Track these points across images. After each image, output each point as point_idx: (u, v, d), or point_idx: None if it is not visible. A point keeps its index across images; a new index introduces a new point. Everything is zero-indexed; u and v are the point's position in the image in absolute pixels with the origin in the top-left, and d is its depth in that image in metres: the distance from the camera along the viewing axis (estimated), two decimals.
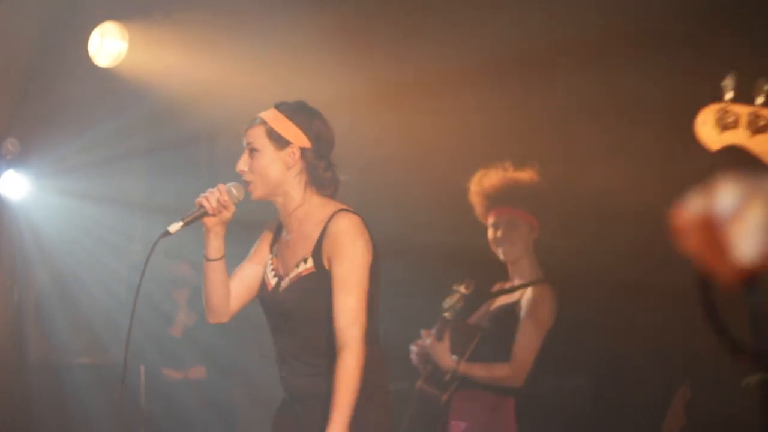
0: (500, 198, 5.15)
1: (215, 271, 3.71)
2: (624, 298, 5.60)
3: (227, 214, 3.64)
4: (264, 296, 3.74)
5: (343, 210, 3.60)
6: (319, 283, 3.55)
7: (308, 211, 3.64)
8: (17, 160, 5.60)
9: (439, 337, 4.97)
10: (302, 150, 3.64)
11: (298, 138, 3.64)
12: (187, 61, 6.35)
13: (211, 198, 3.62)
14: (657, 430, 4.99)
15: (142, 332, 6.91)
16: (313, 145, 3.65)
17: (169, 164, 7.02)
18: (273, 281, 3.71)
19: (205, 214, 3.63)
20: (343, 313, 3.48)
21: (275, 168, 3.62)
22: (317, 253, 3.57)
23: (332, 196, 3.71)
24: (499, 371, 4.94)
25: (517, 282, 5.15)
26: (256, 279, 3.79)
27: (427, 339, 5.01)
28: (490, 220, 5.20)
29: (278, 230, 3.82)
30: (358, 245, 3.54)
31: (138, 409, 6.85)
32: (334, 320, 3.49)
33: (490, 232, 5.20)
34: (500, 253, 5.18)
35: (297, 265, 3.61)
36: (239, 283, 3.79)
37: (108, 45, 6.45)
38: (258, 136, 3.63)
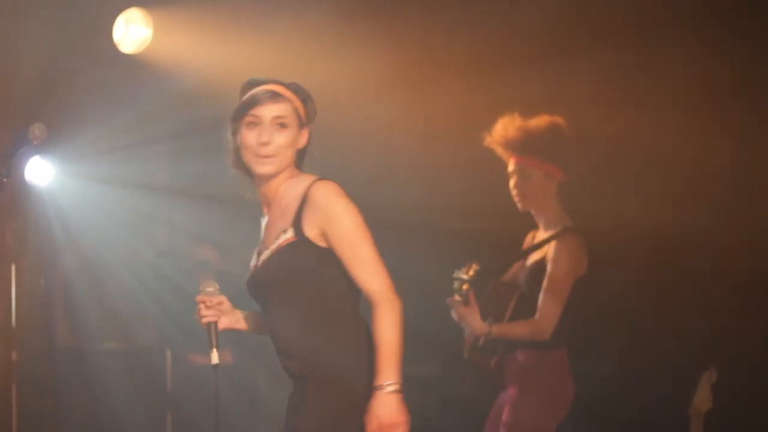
0: (514, 147, 5.17)
1: (261, 329, 3.79)
2: (654, 270, 5.62)
3: (225, 306, 3.71)
4: (247, 281, 3.68)
5: (319, 179, 3.53)
6: (300, 253, 3.48)
7: (287, 187, 3.59)
8: (44, 145, 5.63)
9: (466, 302, 4.98)
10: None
11: (309, 120, 3.63)
12: (211, 47, 6.36)
13: (205, 312, 3.68)
14: (683, 413, 4.98)
15: (167, 317, 6.96)
16: (310, 128, 3.65)
17: (193, 149, 7.04)
18: (254, 262, 3.66)
19: (215, 324, 3.68)
20: (361, 270, 3.44)
21: (295, 146, 3.59)
22: (297, 222, 3.49)
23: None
24: (519, 329, 4.98)
25: (543, 232, 5.18)
26: None
27: (452, 306, 5.03)
28: (509, 167, 5.22)
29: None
30: (347, 205, 3.47)
31: (164, 394, 6.89)
32: (357, 281, 3.44)
33: (510, 180, 5.23)
34: (516, 202, 5.21)
35: (277, 237, 3.54)
36: None
37: (132, 32, 6.47)
38: (287, 113, 3.57)
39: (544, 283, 5.00)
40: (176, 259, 7.09)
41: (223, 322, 3.71)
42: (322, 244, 3.48)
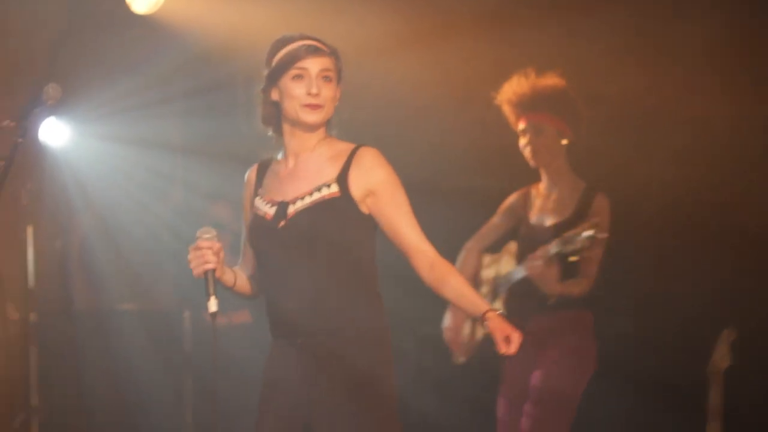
0: (526, 104, 5.22)
1: (240, 288, 3.79)
2: (670, 227, 5.61)
3: (222, 254, 3.58)
4: (261, 227, 3.63)
5: (363, 144, 3.60)
6: (343, 210, 3.52)
7: (324, 146, 3.61)
8: (58, 106, 5.62)
9: (549, 264, 5.02)
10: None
11: (340, 77, 3.64)
12: (224, 5, 6.33)
13: (211, 258, 3.54)
14: (702, 371, 4.97)
15: (186, 277, 6.95)
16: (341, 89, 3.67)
17: (207, 107, 7.02)
18: (271, 211, 3.61)
19: (213, 271, 3.55)
20: (414, 233, 3.57)
21: (335, 100, 3.61)
22: (343, 180, 3.52)
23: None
24: (576, 288, 5.08)
25: (553, 191, 5.22)
26: None
27: (531, 264, 5.04)
28: (520, 126, 5.26)
29: (259, 178, 3.73)
30: (395, 173, 3.58)
31: (183, 354, 6.90)
32: (408, 245, 3.56)
33: (520, 139, 5.27)
34: (528, 159, 5.24)
35: (319, 189, 3.54)
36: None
37: None
38: (331, 67, 3.58)
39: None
40: (193, 218, 7.07)
41: (217, 271, 3.59)
42: (362, 208, 3.54)
